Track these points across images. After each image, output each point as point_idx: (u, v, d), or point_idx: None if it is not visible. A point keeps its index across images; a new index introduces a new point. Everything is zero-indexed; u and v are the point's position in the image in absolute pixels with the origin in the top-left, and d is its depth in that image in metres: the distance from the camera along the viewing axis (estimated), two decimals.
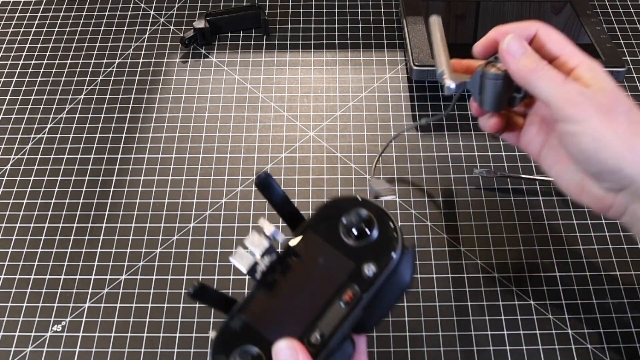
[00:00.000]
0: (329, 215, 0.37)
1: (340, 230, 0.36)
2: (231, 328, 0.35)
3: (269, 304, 0.35)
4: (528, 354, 0.46)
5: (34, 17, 0.71)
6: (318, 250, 0.36)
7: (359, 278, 0.34)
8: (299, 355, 0.33)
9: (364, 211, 0.36)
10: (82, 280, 0.50)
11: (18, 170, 0.57)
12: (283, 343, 0.33)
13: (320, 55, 0.66)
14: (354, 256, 0.35)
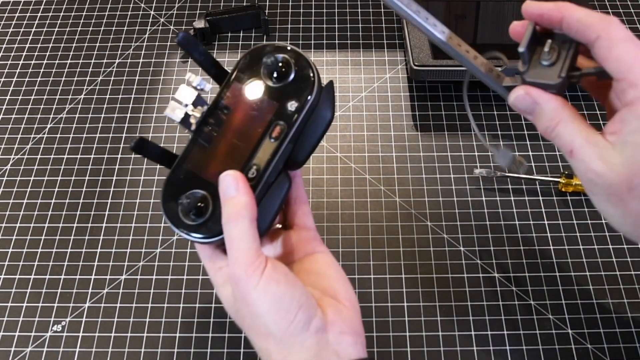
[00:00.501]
0: (250, 64, 0.40)
1: (262, 75, 0.40)
2: (176, 177, 0.39)
3: (206, 152, 0.39)
4: (528, 354, 0.46)
5: (34, 17, 0.71)
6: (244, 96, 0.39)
7: (284, 114, 0.38)
8: (239, 182, 0.36)
9: (280, 54, 0.39)
10: (82, 280, 0.50)
11: (18, 170, 0.57)
12: (226, 172, 0.37)
13: (320, 55, 0.66)
14: (276, 97, 0.39)
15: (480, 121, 0.59)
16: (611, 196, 0.32)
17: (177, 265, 0.51)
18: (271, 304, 0.34)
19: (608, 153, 0.32)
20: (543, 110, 0.35)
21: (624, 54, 0.31)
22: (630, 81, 0.31)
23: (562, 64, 0.34)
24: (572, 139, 0.33)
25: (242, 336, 0.47)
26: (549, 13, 0.34)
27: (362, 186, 0.55)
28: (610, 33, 0.32)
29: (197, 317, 0.48)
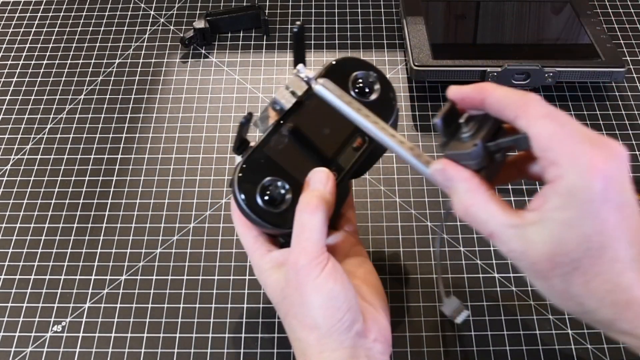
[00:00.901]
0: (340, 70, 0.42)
1: (350, 86, 0.42)
2: (257, 159, 0.40)
3: (289, 145, 0.40)
4: (528, 354, 0.46)
5: (34, 17, 0.71)
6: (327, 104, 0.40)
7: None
8: (330, 181, 0.38)
9: (372, 72, 0.42)
10: (82, 281, 0.50)
11: (18, 170, 0.57)
12: (321, 168, 0.39)
13: (320, 56, 0.66)
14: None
15: None
16: (536, 273, 0.33)
17: (177, 265, 0.51)
18: (326, 299, 0.35)
19: (528, 232, 0.32)
20: (456, 189, 0.34)
21: (542, 133, 0.31)
22: (550, 160, 0.31)
23: (480, 134, 0.34)
24: (488, 223, 0.33)
25: (242, 336, 0.47)
26: (469, 94, 0.35)
27: (362, 186, 0.55)
28: (528, 111, 0.31)
29: (197, 318, 0.48)
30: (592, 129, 0.59)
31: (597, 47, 0.60)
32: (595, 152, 0.30)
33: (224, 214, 0.54)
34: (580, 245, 0.30)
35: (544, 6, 0.65)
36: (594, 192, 0.30)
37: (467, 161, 0.34)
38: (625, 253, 0.31)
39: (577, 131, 0.31)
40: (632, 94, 0.62)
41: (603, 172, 0.30)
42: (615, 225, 0.30)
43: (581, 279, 0.31)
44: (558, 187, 0.31)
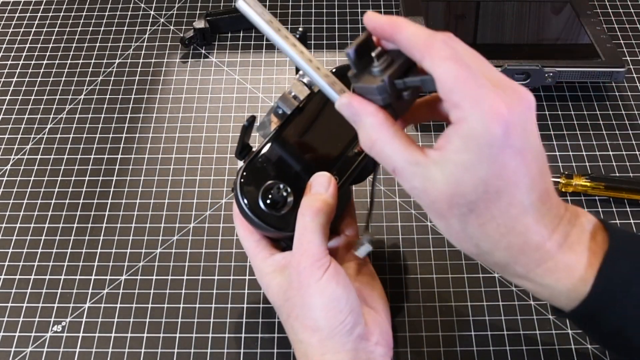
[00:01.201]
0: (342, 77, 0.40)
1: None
2: (258, 164, 0.40)
3: (290, 149, 0.40)
4: (528, 354, 0.46)
5: (34, 17, 0.71)
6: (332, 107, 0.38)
7: None
8: (332, 185, 0.38)
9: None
10: (82, 281, 0.50)
11: (18, 170, 0.57)
12: (323, 173, 0.39)
13: (320, 56, 0.66)
14: None
15: None
16: (435, 211, 0.33)
17: (177, 265, 0.51)
18: (328, 301, 0.36)
19: (430, 171, 0.31)
20: (363, 124, 0.34)
21: (445, 74, 0.30)
22: (453, 102, 0.30)
23: (389, 70, 0.33)
24: (391, 159, 0.33)
25: (242, 336, 0.47)
26: (382, 27, 0.34)
27: (362, 186, 0.55)
28: (433, 53, 0.31)
29: (197, 318, 0.48)
30: (592, 129, 0.59)
31: (597, 47, 0.60)
32: (498, 97, 0.30)
33: (224, 214, 0.54)
34: (477, 188, 0.30)
35: (544, 6, 0.65)
36: (493, 137, 0.29)
37: (374, 96, 0.33)
38: (522, 198, 0.31)
39: (483, 74, 0.31)
40: (632, 94, 0.62)
41: (504, 117, 0.29)
42: (514, 170, 0.30)
43: (477, 221, 0.31)
44: (459, 129, 0.30)
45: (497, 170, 0.30)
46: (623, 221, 0.52)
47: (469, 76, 0.30)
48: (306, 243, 0.37)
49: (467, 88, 0.30)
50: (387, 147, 0.33)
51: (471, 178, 0.30)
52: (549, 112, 0.60)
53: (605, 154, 0.57)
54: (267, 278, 0.40)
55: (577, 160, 0.56)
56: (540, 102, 0.61)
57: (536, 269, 0.32)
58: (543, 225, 0.32)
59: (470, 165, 0.30)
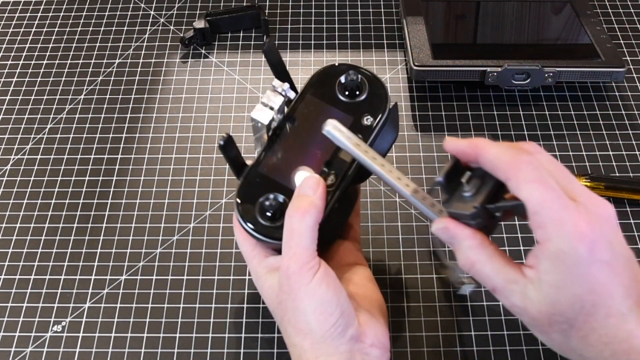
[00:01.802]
0: (324, 79, 0.43)
1: (337, 90, 0.42)
2: (252, 179, 0.40)
3: (283, 158, 0.40)
4: (528, 354, 0.46)
5: (34, 17, 0.71)
6: (319, 110, 0.41)
7: (359, 128, 0.40)
8: (320, 187, 0.38)
9: (355, 73, 0.42)
10: (82, 281, 0.50)
11: (18, 170, 0.57)
12: (311, 175, 0.39)
13: (320, 56, 0.66)
14: (351, 111, 0.41)
15: (480, 121, 0.59)
16: (536, 327, 0.34)
17: (177, 265, 0.51)
18: (318, 304, 0.35)
19: (528, 290, 0.33)
20: (460, 246, 0.35)
21: (530, 198, 0.32)
22: (537, 223, 0.32)
23: (480, 196, 0.34)
24: (491, 279, 0.35)
25: (242, 336, 0.47)
26: (464, 150, 0.36)
27: (362, 186, 0.55)
28: (518, 175, 0.32)
29: (197, 318, 0.48)
30: (592, 129, 0.59)
31: (597, 47, 0.60)
32: (580, 217, 0.31)
33: (224, 214, 0.54)
34: (573, 306, 0.32)
35: (544, 6, 0.65)
36: (579, 256, 0.31)
37: (468, 221, 0.35)
38: (619, 307, 0.32)
39: (565, 190, 0.32)
40: (632, 94, 0.62)
41: (587, 236, 0.31)
42: (605, 282, 0.32)
43: (578, 334, 0.33)
44: (546, 250, 0.32)
45: (589, 286, 0.31)
46: (623, 221, 0.52)
47: (553, 198, 0.32)
48: (294, 246, 0.36)
49: (552, 211, 0.31)
50: (487, 268, 0.34)
51: (566, 297, 0.32)
52: (549, 112, 0.60)
53: (605, 154, 0.57)
54: (261, 280, 0.39)
55: (577, 160, 0.57)
56: (540, 102, 0.61)
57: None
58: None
59: (563, 285, 0.32)
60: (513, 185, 0.33)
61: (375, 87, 0.42)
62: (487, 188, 0.35)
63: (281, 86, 0.41)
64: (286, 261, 0.36)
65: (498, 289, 0.35)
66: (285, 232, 0.37)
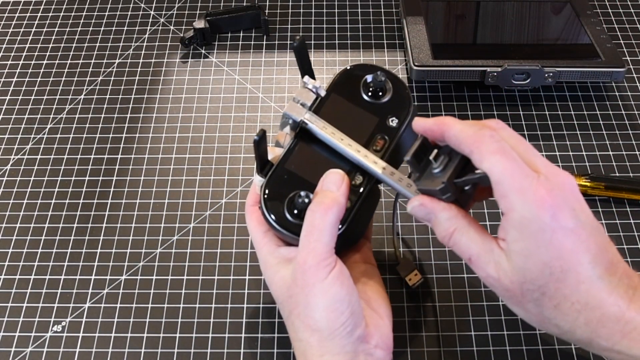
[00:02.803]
0: (349, 79, 0.43)
1: (362, 91, 0.42)
2: (280, 174, 0.40)
3: (309, 157, 0.40)
4: (528, 354, 0.46)
5: (34, 17, 0.71)
6: (344, 109, 0.41)
7: (385, 129, 0.41)
8: (344, 184, 0.38)
9: (383, 74, 0.42)
10: (82, 281, 0.50)
11: (18, 170, 0.57)
12: (336, 170, 0.39)
13: (320, 56, 0.66)
14: (375, 112, 0.42)
15: None
16: (510, 299, 0.35)
17: (177, 265, 0.51)
18: (330, 301, 0.36)
19: (501, 260, 0.34)
20: (438, 219, 0.36)
21: (492, 169, 0.33)
22: (501, 193, 0.33)
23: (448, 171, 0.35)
24: (468, 248, 0.35)
25: (242, 336, 0.47)
26: (431, 128, 0.36)
27: None
28: (481, 148, 0.33)
29: (197, 318, 0.48)
30: (592, 129, 0.59)
31: (597, 47, 0.60)
32: (541, 185, 0.32)
33: (224, 214, 0.54)
34: (543, 272, 0.32)
35: (544, 6, 0.65)
36: (543, 222, 0.32)
37: (439, 196, 0.36)
38: (589, 273, 0.32)
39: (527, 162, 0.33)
40: (632, 94, 0.62)
41: (549, 203, 0.32)
42: (572, 248, 0.32)
43: (551, 302, 0.33)
44: (511, 220, 0.33)
45: (556, 252, 0.32)
46: (623, 221, 0.52)
47: (514, 168, 0.32)
48: (313, 241, 0.36)
49: (513, 180, 0.32)
50: (464, 237, 0.35)
51: (534, 264, 0.32)
52: (549, 112, 0.60)
53: (605, 154, 0.57)
54: (272, 270, 0.39)
55: (577, 160, 0.56)
56: (540, 102, 0.61)
57: (621, 340, 0.33)
58: (618, 296, 0.33)
59: (529, 253, 0.32)
60: (476, 158, 0.34)
61: (399, 89, 0.43)
62: (454, 163, 0.35)
63: (312, 83, 0.41)
64: (304, 255, 0.36)
65: (474, 258, 0.35)
66: (306, 226, 0.37)
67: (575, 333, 0.34)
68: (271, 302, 0.48)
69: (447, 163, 0.36)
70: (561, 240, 0.32)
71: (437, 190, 0.35)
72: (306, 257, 0.36)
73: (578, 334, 0.34)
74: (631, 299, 0.33)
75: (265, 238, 0.40)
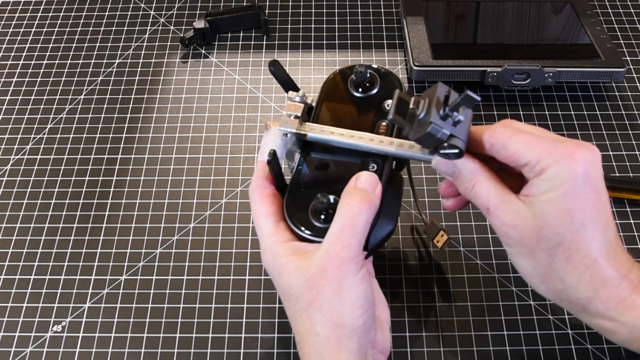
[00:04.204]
0: (336, 85, 0.43)
1: (352, 90, 0.43)
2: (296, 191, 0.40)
3: (319, 166, 0.41)
4: (528, 354, 0.46)
5: (34, 17, 0.71)
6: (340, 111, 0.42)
7: (386, 114, 0.41)
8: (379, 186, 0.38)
9: (363, 66, 0.42)
10: (82, 281, 0.50)
11: (18, 170, 0.57)
12: (368, 173, 0.38)
13: (320, 56, 0.66)
14: (371, 103, 0.42)
15: (480, 121, 0.59)
16: (523, 247, 0.36)
17: (177, 265, 0.51)
18: (357, 298, 0.36)
19: (520, 209, 0.35)
20: (462, 172, 0.37)
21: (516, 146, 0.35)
22: (531, 163, 0.35)
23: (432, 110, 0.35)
24: (488, 198, 0.36)
25: (242, 337, 0.47)
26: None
27: None
28: (498, 137, 0.36)
29: (197, 318, 0.48)
30: (592, 129, 0.59)
31: (597, 47, 0.60)
32: (573, 145, 0.34)
33: (224, 214, 0.54)
34: (564, 220, 0.34)
35: (544, 6, 0.65)
36: (576, 174, 0.33)
37: (434, 138, 0.35)
38: (603, 233, 0.34)
39: (548, 133, 0.36)
40: (632, 94, 0.62)
41: (582, 158, 0.34)
42: (594, 205, 0.34)
43: (564, 253, 0.35)
44: (543, 176, 0.34)
45: (581, 203, 0.34)
46: (623, 221, 0.52)
47: (537, 138, 0.35)
48: (350, 237, 0.36)
49: (541, 146, 0.34)
50: (485, 187, 0.36)
51: (558, 210, 0.34)
52: (549, 112, 0.60)
53: (605, 154, 0.57)
54: (284, 260, 0.37)
55: None
56: (540, 102, 0.61)
57: (617, 306, 0.35)
58: (620, 264, 0.35)
59: (556, 199, 0.34)
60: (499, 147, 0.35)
61: (384, 75, 0.43)
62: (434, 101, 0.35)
63: (297, 95, 0.42)
64: (338, 249, 0.35)
65: (492, 207, 0.36)
66: (343, 220, 0.36)
67: (578, 290, 0.35)
68: (271, 302, 0.48)
69: (428, 105, 0.35)
70: (588, 194, 0.34)
71: (428, 132, 0.35)
72: (341, 251, 0.35)
73: (580, 292, 0.35)
74: (629, 270, 0.35)
75: (277, 227, 0.39)
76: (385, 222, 0.40)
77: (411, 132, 0.36)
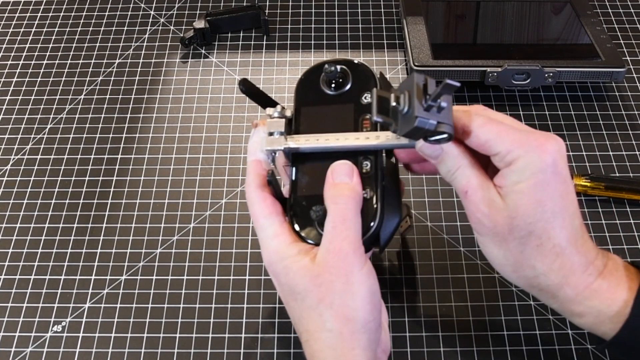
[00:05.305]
0: (308, 86, 0.43)
1: (325, 89, 0.42)
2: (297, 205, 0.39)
3: (313, 174, 0.40)
4: (528, 354, 0.46)
5: (34, 17, 0.71)
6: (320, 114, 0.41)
7: (364, 108, 0.40)
8: (355, 172, 0.38)
9: (332, 64, 0.41)
10: (82, 281, 0.50)
11: (18, 170, 0.57)
12: (341, 161, 0.38)
13: (320, 56, 0.66)
14: (348, 99, 0.41)
15: None
16: (495, 237, 0.36)
17: (177, 265, 0.51)
18: (367, 291, 0.36)
19: (495, 198, 0.36)
20: (447, 155, 0.37)
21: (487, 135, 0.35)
22: (502, 153, 0.35)
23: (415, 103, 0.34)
24: (467, 183, 0.36)
25: (242, 337, 0.47)
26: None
27: None
28: (471, 125, 0.36)
29: (197, 318, 0.48)
30: (592, 129, 0.59)
31: (597, 47, 0.60)
32: (542, 136, 0.35)
33: (224, 214, 0.54)
34: (535, 210, 0.34)
35: (544, 6, 0.65)
36: (545, 164, 0.34)
37: (423, 130, 0.35)
38: (572, 222, 0.35)
39: (517, 123, 0.37)
40: (632, 94, 0.62)
41: (551, 149, 0.34)
42: (562, 195, 0.35)
43: (535, 242, 0.35)
44: (513, 167, 0.35)
45: (551, 193, 0.34)
46: (623, 221, 0.52)
47: (508, 128, 0.35)
48: (346, 229, 0.36)
49: (511, 136, 0.35)
50: (467, 172, 0.37)
51: (529, 201, 0.34)
52: (549, 112, 0.60)
53: (605, 154, 0.57)
54: (289, 261, 0.37)
55: (577, 160, 0.57)
56: (540, 102, 0.61)
57: (584, 290, 0.36)
58: (587, 250, 0.36)
59: (527, 190, 0.34)
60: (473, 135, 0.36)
61: (356, 68, 0.42)
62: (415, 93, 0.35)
63: (275, 110, 0.41)
64: (338, 243, 0.35)
65: (470, 192, 0.36)
66: (333, 217, 0.36)
67: (549, 277, 0.36)
68: (271, 302, 0.48)
69: (409, 98, 0.35)
70: (557, 184, 0.34)
71: (416, 126, 0.34)
72: (341, 245, 0.35)
73: (551, 278, 0.36)
74: (595, 257, 0.36)
75: (282, 228, 0.38)
76: (391, 215, 0.39)
77: (398, 129, 0.36)
